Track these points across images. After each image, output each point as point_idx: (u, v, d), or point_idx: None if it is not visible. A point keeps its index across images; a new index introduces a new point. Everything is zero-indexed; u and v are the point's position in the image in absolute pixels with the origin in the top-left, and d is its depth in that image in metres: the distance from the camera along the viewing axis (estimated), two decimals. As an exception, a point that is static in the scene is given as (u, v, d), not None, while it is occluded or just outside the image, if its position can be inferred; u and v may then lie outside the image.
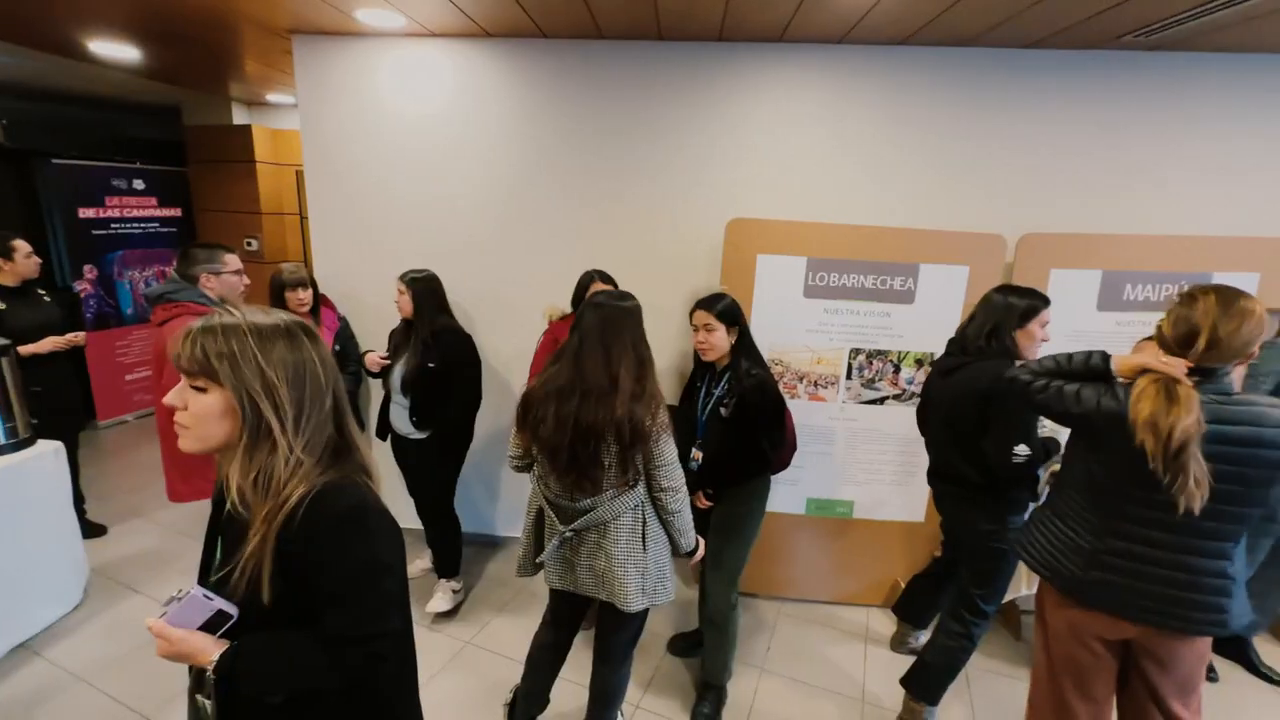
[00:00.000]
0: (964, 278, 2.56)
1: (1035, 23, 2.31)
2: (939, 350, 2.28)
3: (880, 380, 2.68)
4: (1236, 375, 1.60)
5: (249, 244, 4.96)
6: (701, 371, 2.20)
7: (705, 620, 2.24)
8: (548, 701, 2.08)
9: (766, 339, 2.64)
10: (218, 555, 1.02)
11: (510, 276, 3.05)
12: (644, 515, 1.70)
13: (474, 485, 3.32)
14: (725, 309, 1.99)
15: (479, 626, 2.69)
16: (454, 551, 2.78)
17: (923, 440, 2.29)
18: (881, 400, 2.69)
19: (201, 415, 0.91)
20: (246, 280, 2.36)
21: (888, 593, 2.89)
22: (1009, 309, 1.96)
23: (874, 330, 2.63)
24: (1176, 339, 1.44)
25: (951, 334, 2.15)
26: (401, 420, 2.60)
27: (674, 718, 2.25)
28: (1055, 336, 2.59)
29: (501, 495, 3.37)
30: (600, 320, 1.63)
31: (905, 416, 2.68)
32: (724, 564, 2.15)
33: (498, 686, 2.31)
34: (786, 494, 2.82)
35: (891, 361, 2.66)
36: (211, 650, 0.91)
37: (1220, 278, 2.55)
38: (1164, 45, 2.49)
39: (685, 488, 1.71)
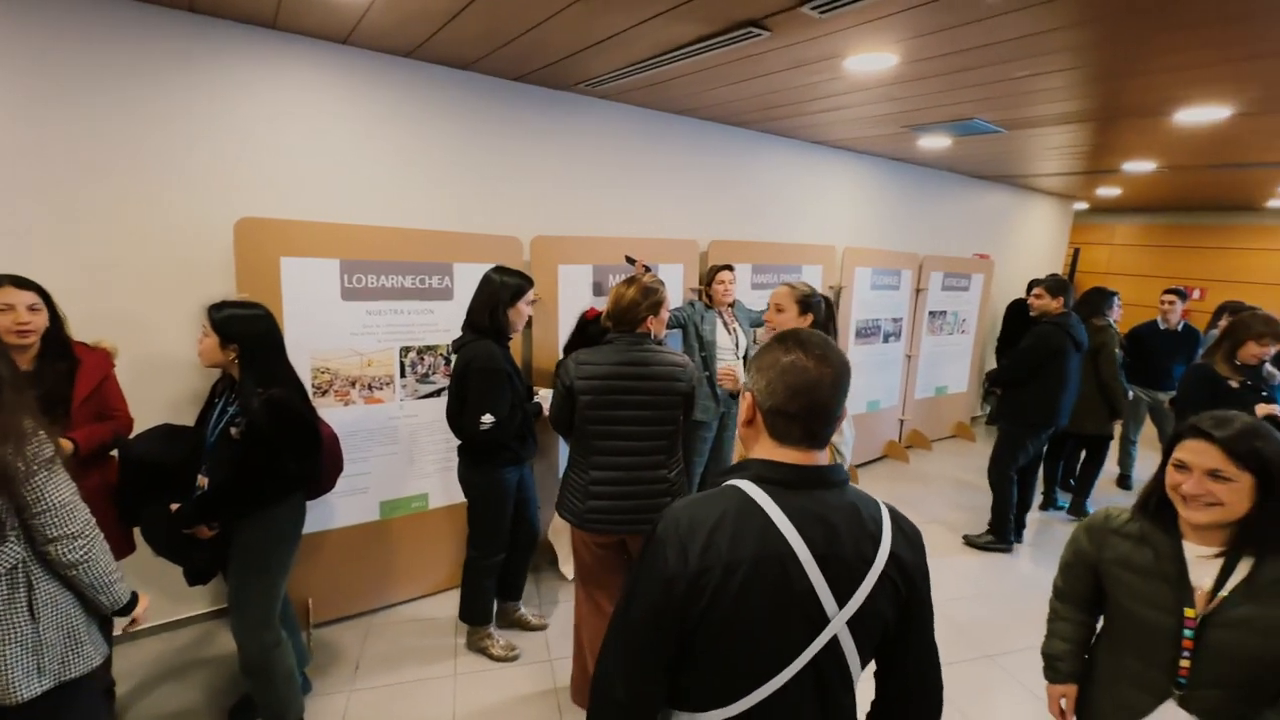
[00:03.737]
0: (492, 274, 2.92)
1: (509, 62, 2.77)
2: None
3: (434, 373, 2.84)
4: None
5: None
6: (220, 387, 1.94)
7: (241, 672, 1.96)
8: None
9: (307, 346, 2.49)
10: None
11: None
12: (29, 578, 1.30)
13: None
14: (221, 320, 1.78)
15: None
16: None
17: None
18: (438, 392, 2.86)
19: None
20: None
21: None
22: (504, 288, 2.31)
23: (420, 327, 2.76)
24: None
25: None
26: None
27: (244, 791, 1.96)
28: (567, 318, 3.22)
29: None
30: None
31: (463, 403, 2.92)
32: (250, 604, 1.90)
33: None
34: (358, 504, 2.74)
35: (442, 355, 2.84)
36: None
37: (667, 268, 3.60)
38: (608, 96, 3.33)
39: (91, 532, 1.34)
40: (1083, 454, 4.28)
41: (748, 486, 0.90)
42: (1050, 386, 3.49)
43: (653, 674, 0.89)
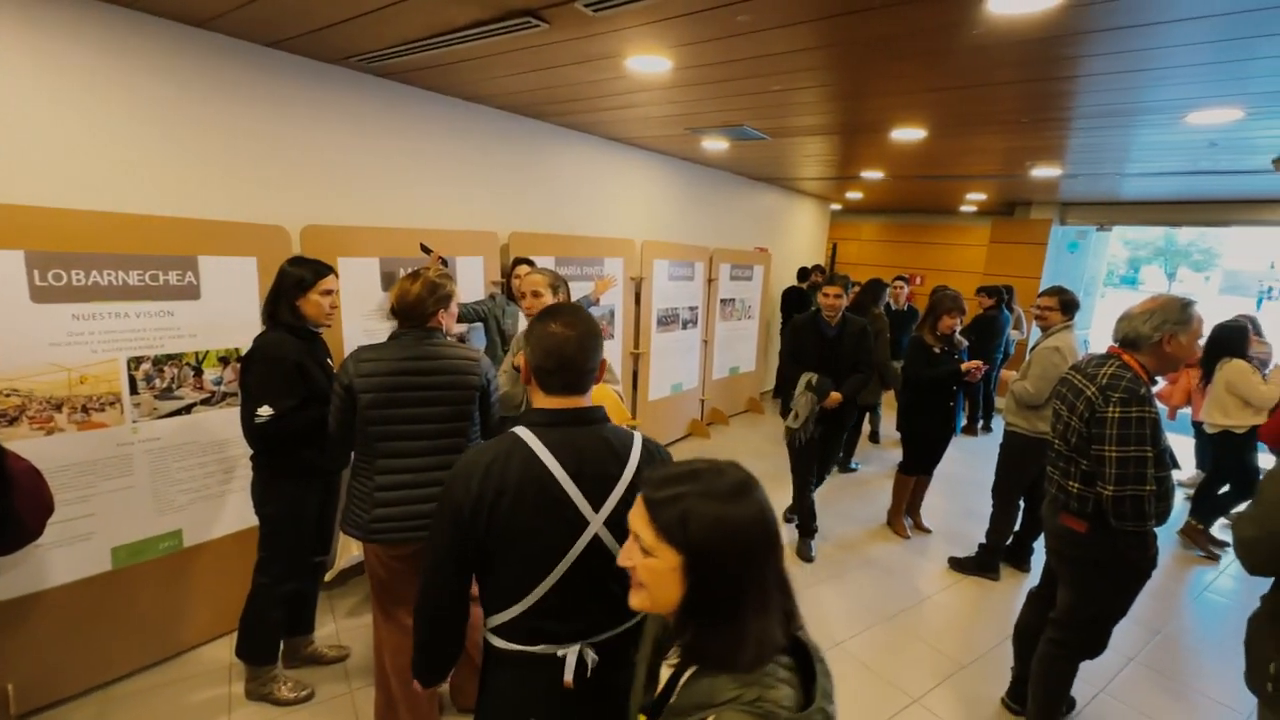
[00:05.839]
0: (254, 269, 2.54)
1: (259, 23, 2.39)
2: (245, 344, 2.22)
3: (180, 387, 2.39)
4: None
5: None
6: None
7: None
8: None
9: (-20, 364, 1.94)
10: None
11: None
12: None
13: None
14: None
15: None
16: None
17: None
18: (188, 409, 2.42)
19: None
20: None
21: (252, 606, 2.71)
22: (285, 278, 2.09)
23: (156, 333, 2.30)
24: None
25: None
26: None
27: None
28: (350, 314, 2.94)
29: None
30: None
31: (223, 419, 2.50)
32: None
33: None
34: (79, 554, 2.21)
35: (190, 364, 2.40)
36: None
37: (466, 260, 3.46)
38: (387, 74, 3.08)
39: None
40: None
41: (520, 430, 1.15)
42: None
43: (458, 578, 1.16)
